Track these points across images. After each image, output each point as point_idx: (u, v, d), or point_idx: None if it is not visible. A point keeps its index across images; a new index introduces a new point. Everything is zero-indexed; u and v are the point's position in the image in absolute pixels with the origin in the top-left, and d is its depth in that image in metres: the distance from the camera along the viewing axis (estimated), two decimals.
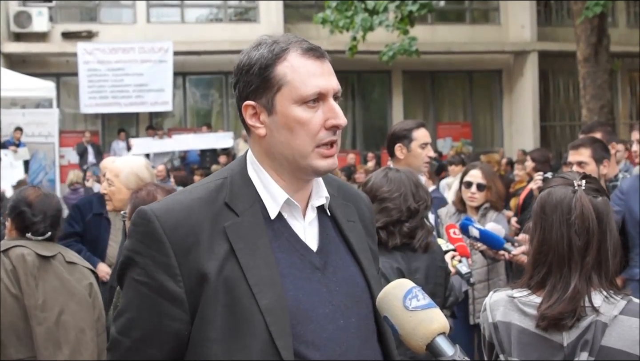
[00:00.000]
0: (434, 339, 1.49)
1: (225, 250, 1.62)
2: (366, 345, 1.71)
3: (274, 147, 1.71)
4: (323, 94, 1.68)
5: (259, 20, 18.64)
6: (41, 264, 3.40)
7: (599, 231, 2.04)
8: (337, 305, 1.68)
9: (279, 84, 1.67)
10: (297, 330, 1.60)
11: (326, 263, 1.71)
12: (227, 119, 19.28)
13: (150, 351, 1.64)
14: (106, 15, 18.70)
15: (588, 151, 4.40)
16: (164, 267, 1.61)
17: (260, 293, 1.59)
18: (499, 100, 20.24)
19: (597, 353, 1.97)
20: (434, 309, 1.53)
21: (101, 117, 18.55)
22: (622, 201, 4.31)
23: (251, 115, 1.71)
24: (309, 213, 1.76)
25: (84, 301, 3.47)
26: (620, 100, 20.65)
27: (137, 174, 3.99)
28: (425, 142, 4.28)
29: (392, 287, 1.58)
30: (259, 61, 1.68)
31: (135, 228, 1.68)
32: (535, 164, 7.11)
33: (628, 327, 1.98)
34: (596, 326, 1.99)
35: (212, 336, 1.59)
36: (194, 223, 1.63)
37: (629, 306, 2.02)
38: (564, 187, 2.10)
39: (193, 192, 1.72)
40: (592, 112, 11.22)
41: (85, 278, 3.55)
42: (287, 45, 1.69)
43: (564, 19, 19.89)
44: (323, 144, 1.68)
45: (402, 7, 12.46)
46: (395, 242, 3.15)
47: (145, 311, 1.64)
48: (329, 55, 1.75)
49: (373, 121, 20.11)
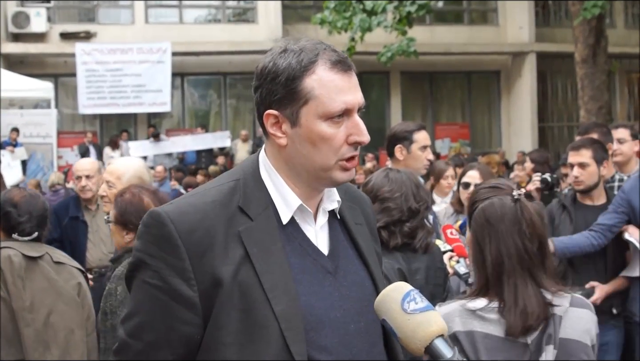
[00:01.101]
0: (433, 341, 1.50)
1: (240, 255, 1.61)
2: (374, 349, 1.71)
3: (294, 159, 1.69)
4: (349, 110, 1.67)
5: (257, 21, 18.65)
6: (28, 265, 3.39)
7: (544, 235, 2.21)
8: (347, 309, 1.68)
9: (305, 98, 1.64)
10: (311, 335, 1.60)
11: (337, 267, 1.71)
12: (225, 120, 19.28)
13: (161, 354, 1.63)
14: (104, 15, 18.70)
15: (589, 152, 4.40)
16: (177, 271, 1.60)
17: (275, 298, 1.58)
18: (497, 101, 20.26)
19: (558, 345, 2.08)
20: (432, 311, 1.53)
21: (99, 118, 18.55)
22: (625, 201, 4.31)
23: (273, 124, 1.69)
24: (320, 217, 1.75)
25: (73, 301, 3.46)
26: (618, 101, 20.68)
27: (140, 177, 3.98)
28: (425, 145, 4.29)
29: (390, 290, 1.58)
30: (286, 70, 1.64)
31: (148, 230, 1.65)
32: (535, 165, 7.10)
33: (577, 318, 2.14)
34: (554, 320, 2.11)
35: (226, 340, 1.58)
36: (209, 226, 1.62)
37: (574, 299, 2.17)
38: (503, 197, 2.21)
39: (206, 194, 1.70)
40: (590, 113, 11.23)
41: (74, 278, 3.53)
42: (315, 56, 1.65)
43: (562, 20, 19.91)
44: (345, 159, 1.67)
45: (400, 8, 12.46)
46: (396, 242, 3.16)
47: (158, 314, 1.62)
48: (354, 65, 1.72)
49: (371, 121, 20.07)
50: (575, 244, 4.32)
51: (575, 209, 4.55)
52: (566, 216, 4.57)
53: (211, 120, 19.44)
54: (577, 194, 4.56)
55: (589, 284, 4.38)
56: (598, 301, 4.34)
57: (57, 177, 12.00)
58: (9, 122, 14.13)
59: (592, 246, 4.31)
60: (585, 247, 4.31)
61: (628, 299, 4.35)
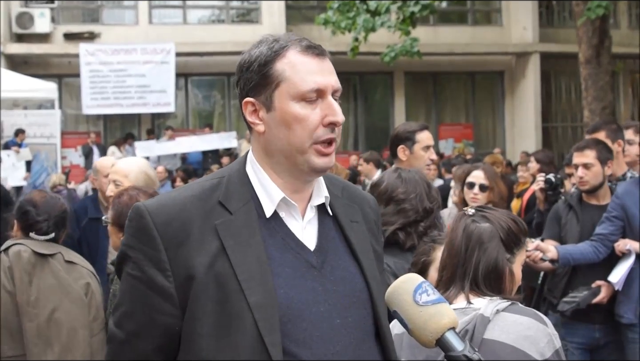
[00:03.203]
0: (444, 334, 1.50)
1: (215, 247, 1.63)
2: (363, 345, 1.69)
3: (272, 144, 1.72)
4: (321, 91, 1.69)
5: (261, 22, 18.64)
6: (37, 262, 3.42)
7: (471, 251, 2.25)
8: (333, 303, 1.67)
9: (277, 81, 1.68)
10: (288, 327, 1.60)
11: (324, 261, 1.71)
12: (229, 120, 19.28)
13: (143, 344, 1.66)
14: (108, 16, 18.70)
15: (593, 153, 4.43)
16: (154, 261, 1.63)
17: (250, 289, 1.59)
18: (500, 101, 20.23)
19: (480, 345, 2.03)
20: (443, 304, 1.53)
21: (103, 119, 18.56)
22: (619, 206, 4.33)
23: (251, 112, 1.73)
24: (308, 212, 1.76)
25: (79, 301, 3.47)
26: (622, 101, 20.65)
27: (146, 173, 4.00)
28: (428, 145, 4.30)
29: (401, 281, 1.58)
30: (259, 58, 1.70)
31: (130, 223, 1.70)
32: (540, 165, 7.10)
33: (512, 322, 2.08)
34: (477, 318, 2.09)
35: (201, 331, 1.60)
36: (185, 218, 1.65)
37: (513, 307, 2.14)
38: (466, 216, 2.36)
39: (187, 189, 1.74)
40: (594, 113, 11.20)
41: (83, 278, 3.56)
42: (286, 43, 1.71)
43: (566, 20, 19.89)
44: (321, 141, 1.69)
45: (404, 8, 12.45)
46: (412, 242, 3.15)
47: (138, 304, 1.66)
48: (330, 55, 1.75)
49: (375, 122, 20.10)
50: (579, 252, 4.35)
51: (581, 209, 4.57)
52: (573, 215, 4.59)
53: (215, 120, 19.43)
54: (582, 194, 4.58)
55: (595, 283, 4.40)
56: (605, 300, 4.35)
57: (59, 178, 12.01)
58: (13, 123, 14.16)
59: (596, 256, 4.35)
60: (588, 255, 4.34)
61: (615, 301, 4.38)
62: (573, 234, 4.52)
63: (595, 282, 4.40)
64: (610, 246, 4.34)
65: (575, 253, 4.34)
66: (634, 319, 4.26)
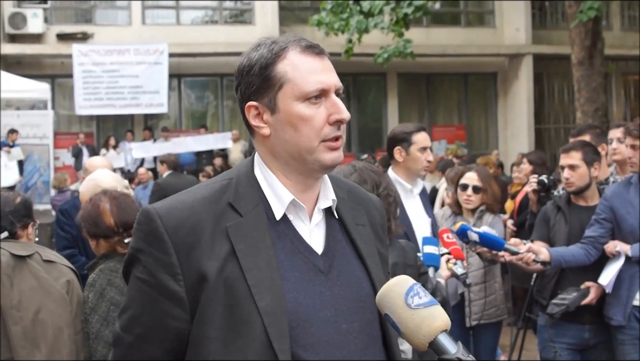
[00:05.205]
0: (437, 337, 1.49)
1: (226, 250, 1.62)
2: (369, 350, 1.69)
3: (279, 146, 1.71)
4: (325, 90, 1.69)
5: (254, 23, 18.62)
6: (17, 264, 3.37)
7: None
8: (340, 308, 1.66)
9: (280, 82, 1.67)
10: (296, 332, 1.59)
11: (331, 266, 1.70)
12: (222, 121, 19.25)
13: (151, 348, 1.65)
14: (101, 16, 18.65)
15: (579, 154, 4.47)
16: (165, 266, 1.62)
17: (259, 294, 1.58)
18: (493, 103, 20.27)
19: None
20: (436, 306, 1.52)
21: (96, 119, 18.51)
22: (607, 208, 4.35)
23: (254, 116, 1.71)
24: (316, 215, 1.75)
25: (62, 300, 3.44)
26: (614, 103, 20.71)
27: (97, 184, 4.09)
28: (424, 146, 4.29)
29: (392, 284, 1.57)
30: (259, 61, 1.69)
31: (139, 226, 1.68)
32: (533, 166, 7.12)
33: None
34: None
35: (211, 335, 1.59)
36: (196, 222, 1.63)
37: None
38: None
39: (197, 192, 1.72)
40: (587, 115, 11.21)
41: (63, 276, 3.51)
42: (286, 44, 1.70)
43: (559, 22, 19.93)
44: (328, 139, 1.69)
45: (397, 10, 12.44)
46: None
47: (147, 308, 1.65)
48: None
49: (368, 123, 20.11)
50: (571, 254, 4.36)
51: (569, 210, 4.59)
52: (561, 216, 4.61)
53: (208, 121, 19.40)
54: (571, 196, 4.60)
55: (585, 284, 4.41)
56: (594, 301, 4.37)
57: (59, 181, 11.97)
58: (5, 123, 14.08)
59: (587, 259, 4.37)
60: (580, 257, 4.36)
61: (604, 303, 4.40)
62: (561, 236, 4.54)
63: (584, 283, 4.41)
64: (601, 248, 4.35)
65: (567, 255, 4.35)
66: (623, 321, 4.27)
